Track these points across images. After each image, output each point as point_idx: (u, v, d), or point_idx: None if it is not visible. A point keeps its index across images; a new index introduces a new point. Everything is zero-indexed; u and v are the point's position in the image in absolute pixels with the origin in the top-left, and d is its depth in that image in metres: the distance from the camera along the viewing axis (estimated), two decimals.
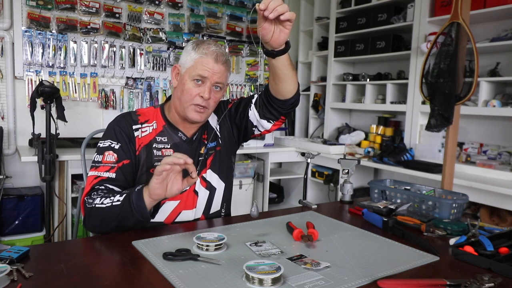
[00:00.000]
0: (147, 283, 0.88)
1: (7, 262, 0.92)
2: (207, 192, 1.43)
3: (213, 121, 1.50)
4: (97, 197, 1.22)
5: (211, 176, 1.44)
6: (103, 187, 1.27)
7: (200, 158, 1.43)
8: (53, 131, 2.49)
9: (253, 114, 1.45)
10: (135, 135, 1.38)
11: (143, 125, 1.40)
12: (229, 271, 0.93)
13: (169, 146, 1.40)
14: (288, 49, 1.22)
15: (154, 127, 1.41)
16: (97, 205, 1.20)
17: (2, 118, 2.98)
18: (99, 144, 1.36)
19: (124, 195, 1.18)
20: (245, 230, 1.23)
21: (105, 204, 1.18)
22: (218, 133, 1.49)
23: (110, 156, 1.32)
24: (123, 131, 1.36)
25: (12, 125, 3.01)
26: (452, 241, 1.16)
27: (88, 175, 1.31)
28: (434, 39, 1.95)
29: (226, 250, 1.05)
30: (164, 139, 1.40)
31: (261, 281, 0.85)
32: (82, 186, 2.57)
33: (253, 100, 1.46)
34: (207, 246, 1.04)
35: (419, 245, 1.14)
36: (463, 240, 1.15)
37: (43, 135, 2.50)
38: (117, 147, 1.34)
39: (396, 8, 3.10)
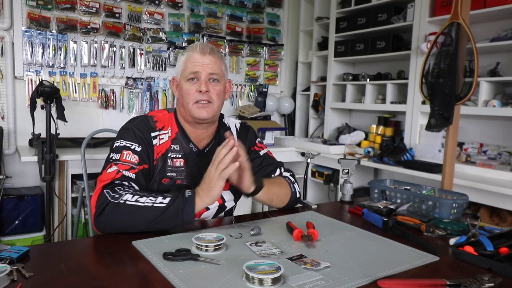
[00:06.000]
0: (147, 283, 0.88)
1: (7, 262, 0.92)
2: (217, 207, 1.43)
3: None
4: (125, 193, 1.16)
5: (227, 194, 1.45)
6: (126, 183, 1.22)
7: None
8: (53, 131, 2.49)
9: None
10: (154, 143, 1.34)
11: (161, 132, 1.37)
12: (229, 271, 0.93)
13: (180, 156, 1.37)
14: (254, 194, 1.29)
15: (170, 135, 1.38)
16: (128, 202, 1.13)
17: (2, 118, 2.98)
18: (114, 144, 1.31)
19: (168, 198, 1.14)
20: (244, 230, 1.23)
21: (142, 202, 1.13)
22: None
23: (131, 156, 1.27)
24: (144, 137, 1.32)
25: (12, 125, 3.01)
26: (452, 241, 1.16)
27: (107, 171, 1.23)
28: (434, 39, 1.94)
29: (226, 250, 1.05)
30: (177, 147, 1.37)
31: (261, 281, 0.85)
32: (82, 186, 2.57)
33: (272, 175, 1.47)
34: (206, 246, 1.04)
35: (419, 245, 1.14)
36: (463, 240, 1.15)
37: (43, 135, 2.50)
38: (138, 149, 1.29)
39: (396, 8, 3.10)
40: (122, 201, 1.14)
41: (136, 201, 1.14)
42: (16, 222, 2.75)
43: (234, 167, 1.18)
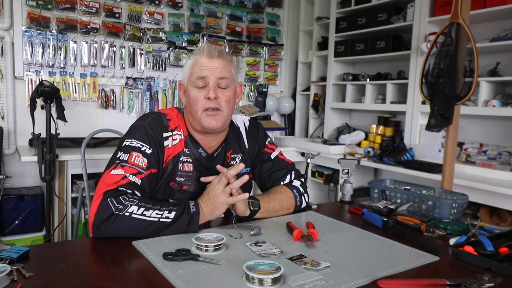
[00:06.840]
0: (147, 283, 0.88)
1: (7, 262, 0.92)
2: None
3: (242, 144, 1.45)
4: (130, 204, 1.11)
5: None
6: (130, 191, 1.16)
7: None
8: (53, 131, 2.49)
9: (263, 184, 1.47)
10: (165, 144, 1.28)
11: (173, 133, 1.30)
12: (229, 271, 0.93)
13: (191, 160, 1.32)
14: (251, 217, 1.30)
15: (182, 137, 1.32)
16: (134, 215, 1.10)
17: (2, 118, 2.98)
18: (124, 141, 1.24)
19: (174, 212, 1.13)
20: (244, 230, 1.23)
21: (148, 216, 1.11)
22: (249, 160, 1.45)
23: (139, 159, 1.20)
24: (156, 138, 1.25)
25: (12, 125, 3.01)
26: (452, 241, 1.16)
27: (112, 172, 1.17)
28: (434, 39, 1.94)
29: (226, 250, 1.05)
30: (188, 151, 1.32)
31: (261, 281, 0.85)
32: (82, 186, 2.57)
33: (281, 183, 1.44)
34: (206, 246, 1.04)
35: (419, 245, 1.14)
36: (463, 240, 1.15)
37: (43, 135, 2.50)
38: (148, 152, 1.22)
39: (396, 8, 3.10)
40: (127, 214, 1.10)
41: (142, 214, 1.11)
42: (16, 222, 2.75)
43: (243, 197, 1.18)
